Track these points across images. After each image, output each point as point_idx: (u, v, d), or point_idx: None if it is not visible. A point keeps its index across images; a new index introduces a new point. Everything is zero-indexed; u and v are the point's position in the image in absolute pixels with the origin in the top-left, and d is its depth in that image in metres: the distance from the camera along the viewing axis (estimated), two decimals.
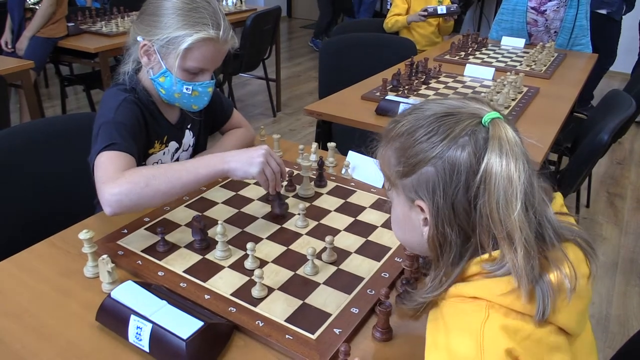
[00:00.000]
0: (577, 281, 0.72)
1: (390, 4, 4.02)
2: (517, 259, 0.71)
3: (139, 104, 1.39)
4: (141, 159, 1.39)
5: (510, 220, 0.71)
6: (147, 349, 0.93)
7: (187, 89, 1.36)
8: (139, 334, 0.93)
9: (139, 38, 1.34)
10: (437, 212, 0.76)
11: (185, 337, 0.90)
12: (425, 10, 3.62)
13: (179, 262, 1.17)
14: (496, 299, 0.72)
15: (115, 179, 1.17)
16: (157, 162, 1.47)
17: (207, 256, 1.19)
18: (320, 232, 1.29)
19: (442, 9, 3.63)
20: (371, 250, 1.22)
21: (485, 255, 0.75)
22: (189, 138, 1.58)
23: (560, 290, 0.72)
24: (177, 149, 1.54)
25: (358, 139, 1.23)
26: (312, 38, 7.34)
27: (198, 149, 1.64)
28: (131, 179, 1.17)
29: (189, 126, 1.57)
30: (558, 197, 0.87)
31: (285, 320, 1.00)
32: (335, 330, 0.98)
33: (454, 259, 0.78)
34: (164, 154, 1.49)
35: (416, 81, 2.56)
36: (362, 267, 1.16)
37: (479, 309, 0.72)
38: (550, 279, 0.72)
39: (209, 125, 1.68)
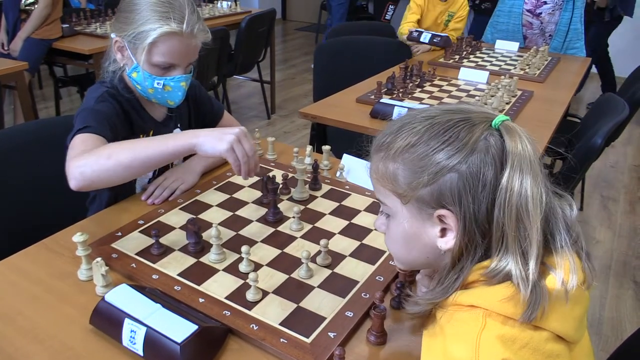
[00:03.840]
0: (574, 288, 0.73)
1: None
2: (527, 266, 0.71)
3: (119, 98, 1.41)
4: None
5: (530, 227, 0.71)
6: (141, 352, 0.92)
7: (158, 83, 1.37)
8: (133, 337, 0.93)
9: (112, 35, 1.39)
10: (465, 217, 0.75)
11: (179, 340, 0.89)
12: (411, 33, 3.32)
13: (174, 265, 1.16)
14: (494, 306, 0.72)
15: (82, 152, 1.19)
16: None
17: (201, 259, 1.19)
18: (314, 235, 1.29)
19: (425, 37, 3.24)
20: (366, 253, 1.22)
21: (487, 261, 0.76)
22: None
23: (554, 296, 0.72)
24: None
25: (353, 141, 1.23)
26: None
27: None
28: (96, 152, 1.18)
29: (179, 125, 1.58)
30: None
31: (280, 324, 1.00)
32: (329, 333, 0.98)
33: (470, 262, 0.77)
34: None
35: (410, 84, 2.56)
36: (357, 270, 1.16)
37: (476, 317, 0.73)
38: (545, 284, 0.72)
39: (198, 127, 1.68)
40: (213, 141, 1.18)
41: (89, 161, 1.16)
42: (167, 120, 1.55)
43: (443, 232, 0.79)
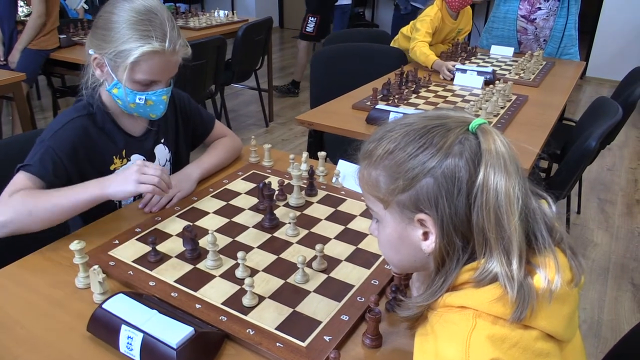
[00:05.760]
0: (560, 286, 0.74)
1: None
2: (511, 266, 0.72)
3: (88, 123, 1.41)
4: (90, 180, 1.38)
5: (508, 227, 0.73)
6: (138, 358, 0.93)
7: (140, 99, 1.38)
8: (130, 343, 0.94)
9: (90, 51, 1.37)
10: (442, 221, 0.76)
11: (176, 346, 0.90)
12: (451, 71, 2.91)
13: (170, 272, 1.17)
14: (484, 307, 0.73)
15: (5, 203, 1.25)
16: None
17: (198, 266, 1.19)
18: (310, 240, 1.30)
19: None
20: (361, 257, 1.23)
21: (475, 263, 0.77)
22: (163, 153, 1.58)
23: (541, 295, 0.73)
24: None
25: (349, 148, 1.24)
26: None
27: (179, 164, 1.63)
28: (15, 209, 1.24)
29: (162, 140, 1.58)
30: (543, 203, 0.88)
31: (276, 329, 1.01)
32: (325, 337, 0.99)
33: (455, 265, 0.79)
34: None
35: (406, 90, 2.58)
36: (352, 274, 1.17)
37: (466, 318, 0.74)
38: (532, 283, 0.73)
39: (188, 139, 1.69)
40: (122, 187, 1.29)
41: (9, 218, 1.23)
42: (146, 134, 1.54)
43: (425, 235, 0.80)
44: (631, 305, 2.58)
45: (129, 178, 1.29)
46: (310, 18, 5.19)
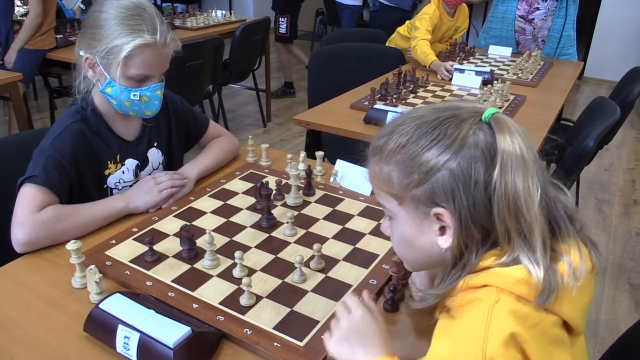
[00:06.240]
0: (583, 275, 0.73)
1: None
2: (535, 253, 0.72)
3: (84, 127, 1.41)
4: (88, 185, 1.43)
5: (529, 216, 0.72)
6: (135, 358, 0.93)
7: (134, 95, 1.37)
8: (126, 343, 0.93)
9: (81, 52, 1.37)
10: (460, 214, 0.75)
11: (173, 345, 0.90)
12: (448, 72, 2.91)
13: (167, 272, 1.17)
14: (508, 286, 0.72)
15: (33, 222, 1.24)
16: (118, 182, 1.48)
17: (195, 265, 1.19)
18: (308, 240, 1.29)
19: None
20: (359, 257, 1.23)
21: (496, 250, 0.76)
22: (157, 156, 1.57)
23: (566, 282, 0.73)
24: (137, 166, 1.52)
25: (347, 147, 1.24)
26: None
27: (172, 166, 1.63)
28: (49, 227, 1.25)
29: (155, 144, 1.57)
30: None
31: (274, 328, 1.01)
32: (323, 337, 0.98)
33: (474, 257, 0.77)
34: (123, 172, 1.49)
35: (404, 90, 2.58)
36: (350, 274, 1.17)
37: (489, 292, 0.73)
38: (557, 269, 0.73)
39: (181, 141, 1.68)
40: (145, 198, 1.41)
41: (42, 234, 1.25)
42: (139, 138, 1.53)
43: (442, 230, 0.79)
44: (628, 305, 2.58)
45: (151, 190, 1.41)
46: (280, 19, 5.17)
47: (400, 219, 0.83)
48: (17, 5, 3.80)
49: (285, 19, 5.14)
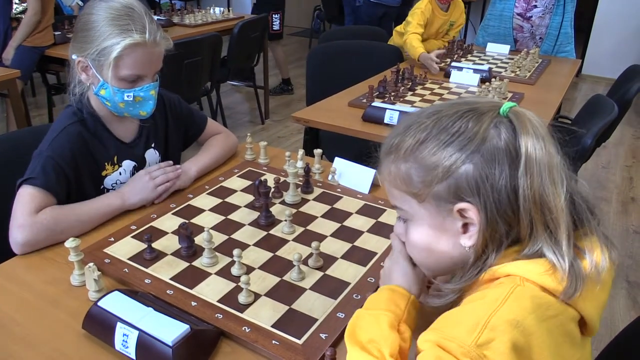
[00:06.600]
0: (604, 270, 0.73)
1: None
2: (560, 246, 0.71)
3: (82, 129, 1.41)
4: (86, 186, 1.42)
5: (555, 209, 0.71)
6: (133, 356, 0.93)
7: (128, 96, 1.37)
8: (125, 341, 0.93)
9: (73, 56, 1.37)
10: (486, 207, 0.73)
11: (171, 343, 0.90)
12: (439, 56, 3.02)
13: (166, 270, 1.17)
14: (534, 277, 0.71)
15: (32, 224, 1.24)
16: (115, 184, 1.48)
17: (194, 263, 1.19)
18: (306, 238, 1.29)
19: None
20: (357, 255, 1.23)
21: (518, 246, 0.75)
22: (154, 157, 1.57)
23: (588, 277, 0.72)
24: (135, 167, 1.52)
25: (345, 145, 1.24)
26: None
27: None
28: (48, 228, 1.26)
29: (152, 145, 1.57)
30: None
31: (272, 326, 1.01)
32: (321, 335, 0.99)
33: (497, 250, 0.76)
34: (120, 174, 1.49)
35: (402, 88, 2.58)
36: (348, 272, 1.17)
37: (513, 279, 0.72)
38: (581, 264, 0.72)
39: (179, 141, 1.68)
40: (141, 195, 1.42)
41: (41, 236, 1.25)
42: (136, 140, 1.53)
43: (465, 227, 0.76)
44: (626, 302, 2.59)
45: (146, 186, 1.42)
46: (274, 16, 5.17)
47: (419, 219, 0.80)
48: (15, 3, 3.79)
49: (278, 15, 5.16)
